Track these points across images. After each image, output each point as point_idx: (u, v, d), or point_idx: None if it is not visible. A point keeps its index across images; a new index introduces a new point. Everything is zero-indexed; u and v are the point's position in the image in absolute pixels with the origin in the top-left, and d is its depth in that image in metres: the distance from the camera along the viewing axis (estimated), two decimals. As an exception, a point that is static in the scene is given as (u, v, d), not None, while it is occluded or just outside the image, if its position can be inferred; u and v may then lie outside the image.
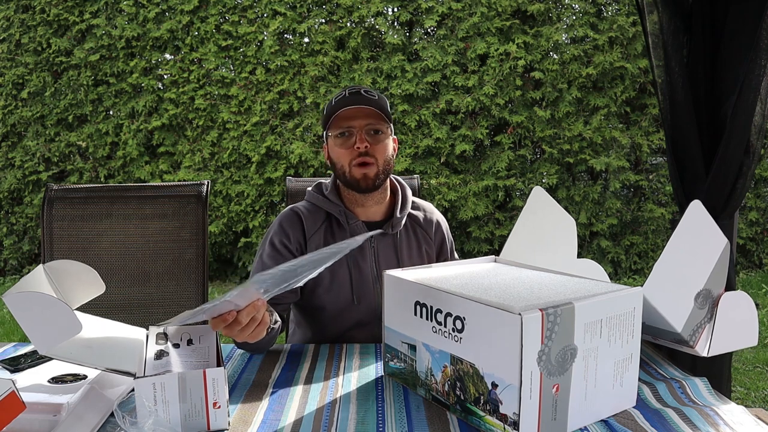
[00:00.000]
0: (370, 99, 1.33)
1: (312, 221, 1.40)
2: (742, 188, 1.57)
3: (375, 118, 1.34)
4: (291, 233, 1.38)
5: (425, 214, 1.51)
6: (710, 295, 1.10)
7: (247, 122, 4.63)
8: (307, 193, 1.47)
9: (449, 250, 1.55)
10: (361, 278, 1.39)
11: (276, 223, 1.42)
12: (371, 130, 1.34)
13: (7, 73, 4.92)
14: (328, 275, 1.39)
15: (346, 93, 1.35)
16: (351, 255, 1.39)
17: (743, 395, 2.66)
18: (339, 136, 1.35)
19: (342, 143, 1.35)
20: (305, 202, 1.45)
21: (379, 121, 1.35)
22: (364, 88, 1.36)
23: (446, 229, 1.54)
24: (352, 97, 1.33)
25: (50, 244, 1.67)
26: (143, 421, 0.82)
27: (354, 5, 4.48)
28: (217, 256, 4.88)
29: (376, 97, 1.35)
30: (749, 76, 1.47)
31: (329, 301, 1.38)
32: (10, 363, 1.13)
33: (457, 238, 4.64)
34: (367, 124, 1.33)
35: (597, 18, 4.40)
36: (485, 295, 0.89)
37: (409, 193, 1.48)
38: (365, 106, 1.32)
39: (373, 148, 1.33)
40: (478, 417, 0.88)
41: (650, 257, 4.61)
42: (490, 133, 4.56)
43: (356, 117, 1.33)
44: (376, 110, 1.33)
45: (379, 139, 1.35)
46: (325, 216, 1.41)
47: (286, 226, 1.40)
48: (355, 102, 1.32)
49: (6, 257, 5.10)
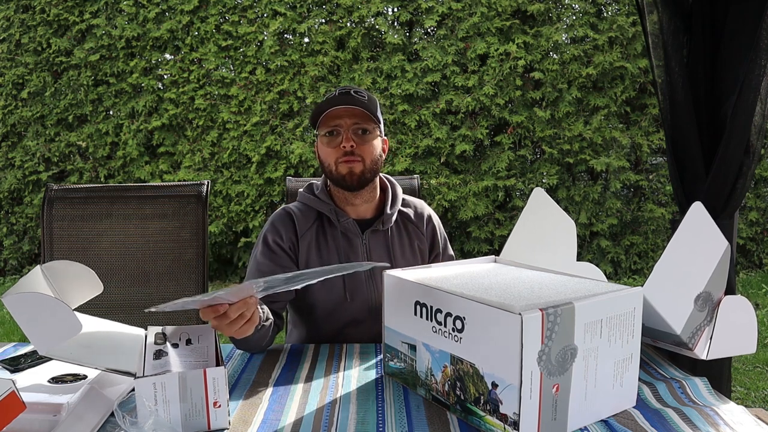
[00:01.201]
0: (358, 99, 1.34)
1: (304, 220, 1.42)
2: (742, 188, 1.57)
3: (362, 117, 1.35)
4: (283, 232, 1.40)
5: (415, 210, 1.52)
6: (710, 298, 1.10)
7: (247, 122, 4.63)
8: (299, 194, 1.48)
9: (442, 244, 1.54)
10: (354, 276, 1.40)
11: (269, 223, 1.44)
12: (358, 129, 1.35)
13: (7, 73, 4.92)
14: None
15: (336, 93, 1.36)
16: (343, 252, 1.40)
17: (743, 395, 2.66)
18: (326, 135, 1.36)
19: (329, 142, 1.36)
20: (297, 203, 1.47)
21: (366, 121, 1.36)
22: (354, 88, 1.37)
23: (438, 223, 1.55)
24: (341, 96, 1.34)
25: (50, 244, 1.67)
26: (143, 420, 0.82)
27: (354, 5, 4.48)
28: (217, 256, 4.88)
29: (365, 98, 1.36)
30: (749, 76, 1.47)
31: (321, 299, 1.39)
32: (10, 363, 1.13)
33: (457, 238, 4.64)
34: (354, 124, 1.34)
35: (597, 18, 4.40)
36: (485, 295, 0.89)
37: (399, 191, 1.49)
38: (353, 106, 1.33)
39: (359, 147, 1.35)
40: (478, 417, 0.88)
41: (650, 257, 4.61)
42: (490, 133, 4.56)
43: (343, 116, 1.34)
44: (364, 110, 1.34)
45: (366, 138, 1.36)
46: (317, 215, 1.43)
47: (278, 225, 1.41)
48: (344, 102, 1.33)
49: (6, 257, 5.10)
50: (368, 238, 1.42)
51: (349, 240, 1.42)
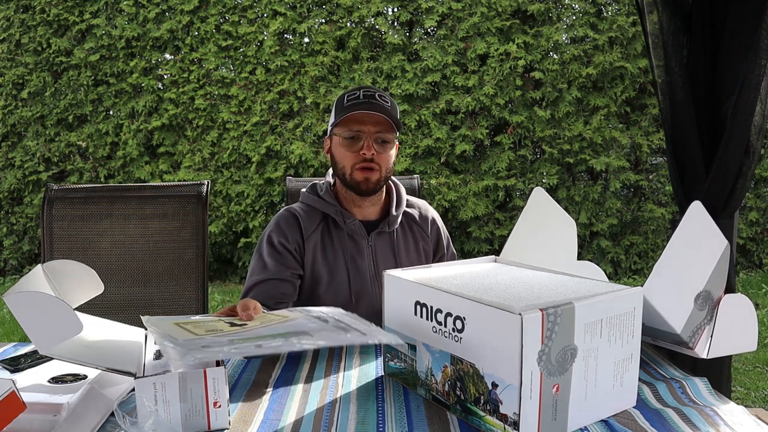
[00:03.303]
0: (383, 106, 1.33)
1: (309, 222, 1.41)
2: (742, 188, 1.57)
3: (385, 126, 1.34)
4: (289, 234, 1.39)
5: (420, 211, 1.52)
6: (710, 297, 1.10)
7: (247, 122, 4.63)
8: (302, 195, 1.47)
9: (446, 244, 1.55)
10: (360, 278, 1.40)
11: (273, 223, 1.42)
12: (380, 138, 1.35)
13: (7, 73, 4.92)
14: (327, 275, 1.39)
15: (360, 94, 1.34)
16: (348, 254, 1.40)
17: (743, 395, 2.66)
18: (347, 138, 1.35)
19: (349, 146, 1.35)
20: (301, 204, 1.46)
21: (389, 130, 1.35)
22: (379, 92, 1.36)
23: (441, 224, 1.56)
24: (366, 100, 1.33)
25: (50, 244, 1.67)
26: (143, 421, 0.82)
27: (354, 5, 4.48)
28: (217, 256, 4.88)
29: (389, 104, 1.35)
30: (749, 76, 1.47)
31: (328, 302, 1.38)
32: (10, 363, 1.13)
33: (457, 238, 4.64)
34: (377, 132, 1.34)
35: (597, 18, 4.40)
36: (485, 295, 0.89)
37: (403, 192, 1.49)
38: (377, 113, 1.32)
39: (378, 156, 1.34)
40: (478, 417, 0.88)
41: (650, 257, 4.61)
42: (490, 133, 4.56)
43: (367, 122, 1.33)
44: (388, 119, 1.33)
45: (386, 148, 1.36)
46: (322, 216, 1.42)
47: (283, 226, 1.40)
48: (369, 107, 1.32)
49: (6, 257, 5.10)
50: (374, 239, 1.42)
51: (355, 242, 1.41)
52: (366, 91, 1.35)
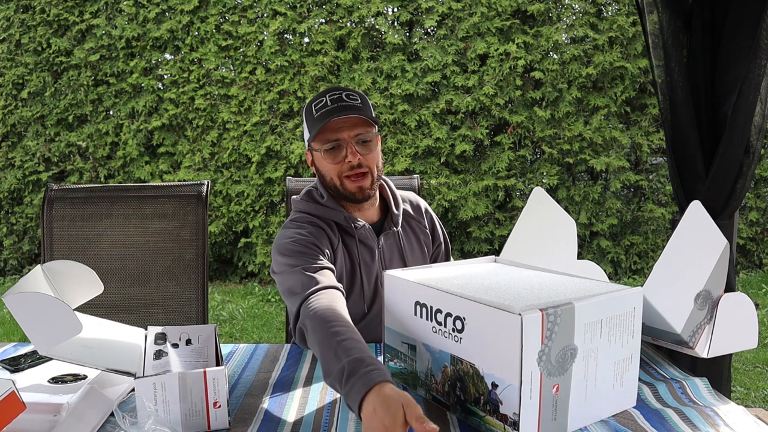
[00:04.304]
0: (354, 106, 1.25)
1: (332, 233, 1.31)
2: (742, 188, 1.57)
3: (362, 126, 1.27)
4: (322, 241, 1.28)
5: (412, 204, 1.49)
6: (710, 296, 1.10)
7: (247, 122, 4.62)
8: (301, 204, 1.37)
9: (441, 232, 1.52)
10: (372, 284, 1.37)
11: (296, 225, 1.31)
12: (360, 140, 1.27)
13: (7, 73, 4.92)
14: (347, 288, 1.33)
15: (327, 100, 1.26)
16: (362, 261, 1.35)
17: (743, 395, 2.66)
18: (328, 151, 1.28)
19: (332, 158, 1.28)
20: (301, 215, 1.35)
21: (368, 129, 1.27)
22: (346, 91, 1.27)
23: (432, 211, 1.53)
24: (334, 105, 1.24)
25: (50, 244, 1.67)
26: (143, 421, 0.82)
27: (354, 5, 4.48)
28: (217, 256, 4.88)
29: (359, 101, 1.27)
30: (749, 76, 1.47)
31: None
32: (10, 363, 1.13)
33: (457, 238, 4.64)
34: (356, 135, 1.26)
35: (597, 18, 4.40)
36: (485, 295, 0.89)
37: (395, 187, 1.45)
38: (351, 115, 1.24)
39: (364, 158, 1.28)
40: (478, 417, 0.88)
41: (650, 257, 4.61)
42: (490, 133, 4.56)
43: (343, 128, 1.25)
44: (363, 117, 1.25)
45: (370, 147, 1.29)
46: (328, 226, 1.34)
47: (314, 233, 1.28)
48: (340, 111, 1.24)
49: (6, 257, 5.10)
50: (383, 243, 1.38)
51: (368, 247, 1.36)
52: (332, 95, 1.26)
